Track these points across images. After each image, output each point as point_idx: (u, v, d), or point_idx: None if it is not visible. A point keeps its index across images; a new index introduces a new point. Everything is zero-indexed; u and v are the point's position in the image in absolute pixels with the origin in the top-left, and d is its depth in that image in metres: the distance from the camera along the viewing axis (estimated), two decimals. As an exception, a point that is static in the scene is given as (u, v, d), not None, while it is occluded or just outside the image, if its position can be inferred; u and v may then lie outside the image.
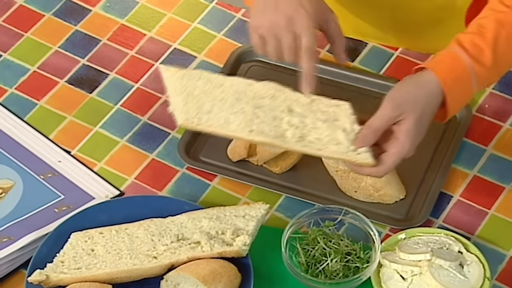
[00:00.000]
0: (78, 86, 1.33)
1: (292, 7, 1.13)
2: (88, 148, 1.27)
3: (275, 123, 1.10)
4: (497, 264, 1.16)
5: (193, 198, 1.23)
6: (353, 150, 1.10)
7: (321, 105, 1.12)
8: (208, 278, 1.10)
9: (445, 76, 1.11)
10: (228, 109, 1.11)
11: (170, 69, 1.15)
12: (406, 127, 1.10)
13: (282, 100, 1.12)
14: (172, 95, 1.13)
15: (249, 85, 1.13)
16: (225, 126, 1.11)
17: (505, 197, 1.22)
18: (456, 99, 1.12)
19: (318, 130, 1.10)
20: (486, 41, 1.12)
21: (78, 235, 1.16)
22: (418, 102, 1.10)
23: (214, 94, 1.13)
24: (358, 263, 1.14)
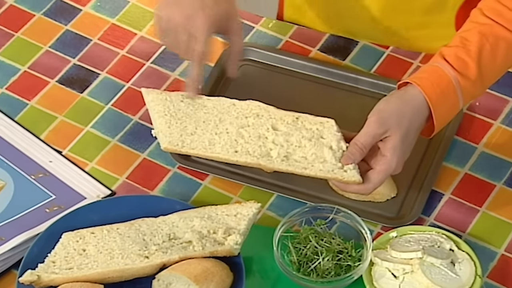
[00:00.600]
0: (69, 86, 1.33)
1: (193, 6, 1.14)
2: (79, 148, 1.27)
3: (259, 143, 1.11)
4: (488, 261, 1.17)
5: (185, 197, 1.22)
6: (339, 167, 1.11)
7: (305, 122, 1.13)
8: (200, 278, 1.10)
9: (430, 91, 1.11)
10: (212, 130, 1.12)
11: (152, 92, 1.16)
12: (392, 145, 1.10)
13: (266, 118, 1.12)
14: (155, 118, 1.14)
15: (232, 105, 1.13)
16: (209, 148, 1.11)
17: (496, 194, 1.22)
18: (442, 114, 1.13)
19: (303, 149, 1.11)
20: (470, 55, 1.12)
21: (70, 235, 1.16)
22: (404, 119, 1.11)
23: (197, 115, 1.13)
24: (350, 261, 1.14)
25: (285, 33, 1.38)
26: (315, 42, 1.36)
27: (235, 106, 1.14)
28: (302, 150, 1.11)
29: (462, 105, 1.14)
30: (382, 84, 1.31)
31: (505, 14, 1.13)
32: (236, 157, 1.10)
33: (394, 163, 1.11)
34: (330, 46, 1.36)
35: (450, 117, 1.15)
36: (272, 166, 1.10)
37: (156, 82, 1.33)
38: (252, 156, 1.10)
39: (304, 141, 1.11)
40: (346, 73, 1.32)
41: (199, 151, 1.12)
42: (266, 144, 1.11)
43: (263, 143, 1.11)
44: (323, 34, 1.37)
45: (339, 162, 1.11)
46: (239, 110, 1.13)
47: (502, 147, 1.26)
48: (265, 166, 1.10)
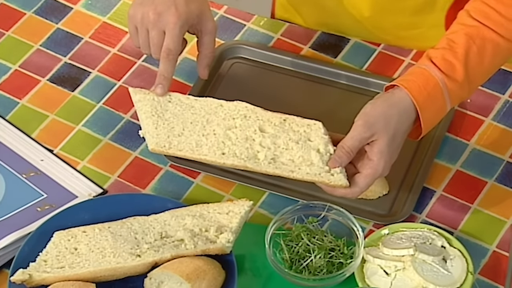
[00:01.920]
0: (60, 85, 1.32)
1: (165, 3, 1.14)
2: (70, 146, 1.27)
3: (247, 145, 1.10)
4: (480, 258, 1.17)
5: (177, 195, 1.22)
6: (326, 171, 1.10)
7: (293, 124, 1.12)
8: (192, 276, 1.09)
9: (417, 94, 1.11)
10: (199, 131, 1.11)
11: (140, 92, 1.16)
12: (379, 149, 1.10)
13: (253, 120, 1.12)
14: (143, 118, 1.14)
15: (220, 106, 1.13)
16: (196, 150, 1.11)
17: (488, 191, 1.22)
18: (429, 117, 1.12)
19: (290, 151, 1.10)
20: (457, 57, 1.12)
21: (61, 234, 1.16)
22: (391, 122, 1.10)
23: (185, 116, 1.13)
24: (342, 259, 1.14)
25: (277, 30, 1.38)
26: (306, 39, 1.36)
27: (223, 107, 1.13)
28: (289, 152, 1.10)
29: (449, 108, 1.14)
30: (374, 81, 1.31)
31: (492, 16, 1.13)
32: (223, 159, 1.10)
33: (380, 167, 1.11)
34: (321, 44, 1.36)
35: (437, 120, 1.15)
36: (259, 168, 1.10)
37: (147, 80, 1.33)
38: (239, 159, 1.10)
39: (291, 144, 1.11)
40: (338, 70, 1.32)
41: (186, 153, 1.11)
42: (253, 146, 1.10)
43: (250, 145, 1.10)
44: (314, 32, 1.37)
45: (326, 165, 1.10)
46: (226, 111, 1.13)
47: (493, 144, 1.26)
48: (252, 168, 1.10)
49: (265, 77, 1.33)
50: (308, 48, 1.36)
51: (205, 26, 1.18)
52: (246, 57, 1.35)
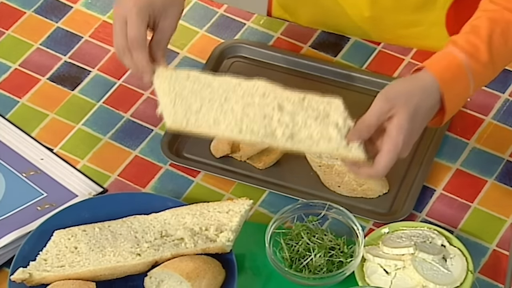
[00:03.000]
0: (60, 83, 1.32)
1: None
2: (70, 145, 1.27)
3: (265, 122, 1.09)
4: (480, 257, 1.17)
5: (177, 194, 1.22)
6: (344, 146, 1.08)
7: (312, 102, 1.11)
8: (192, 275, 1.09)
9: (441, 74, 1.10)
10: (217, 108, 1.10)
11: (158, 69, 1.14)
12: (397, 122, 1.07)
13: (272, 98, 1.11)
14: (160, 96, 1.12)
15: (238, 84, 1.12)
16: (214, 127, 1.09)
17: (488, 190, 1.22)
18: (453, 98, 1.11)
19: (309, 128, 1.09)
20: (481, 38, 1.12)
21: (61, 233, 1.16)
22: (412, 96, 1.08)
23: (203, 94, 1.11)
24: (342, 257, 1.14)
25: (277, 29, 1.37)
26: (306, 38, 1.36)
27: (241, 86, 1.11)
28: (307, 129, 1.09)
29: (472, 90, 1.12)
30: (374, 80, 1.31)
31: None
32: (241, 136, 1.08)
33: (400, 142, 1.07)
34: (321, 43, 1.36)
35: (460, 102, 1.13)
36: (277, 145, 1.08)
37: (147, 79, 1.33)
38: (257, 135, 1.08)
39: (310, 121, 1.09)
40: (338, 69, 1.32)
41: (203, 130, 1.09)
42: (271, 123, 1.09)
43: (268, 123, 1.09)
44: (314, 31, 1.37)
45: (345, 140, 1.08)
46: (245, 89, 1.11)
47: (493, 143, 1.26)
48: (270, 144, 1.08)
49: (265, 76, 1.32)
50: (308, 47, 1.36)
51: (163, 22, 1.14)
52: (246, 56, 1.35)
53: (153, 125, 1.29)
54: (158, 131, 1.28)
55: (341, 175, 1.21)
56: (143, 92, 1.32)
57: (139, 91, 1.32)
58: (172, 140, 1.26)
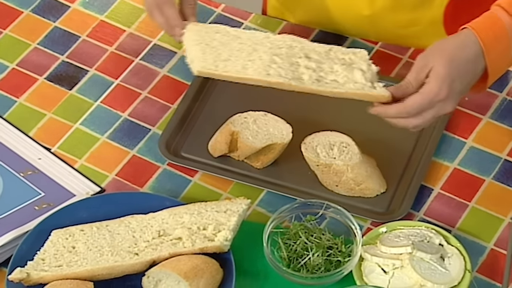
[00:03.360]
0: (57, 83, 1.32)
1: None
2: (68, 145, 1.26)
3: (292, 68, 1.12)
4: (477, 256, 1.17)
5: (175, 194, 1.22)
6: (369, 86, 1.11)
7: (338, 53, 1.15)
8: (189, 274, 1.09)
9: (483, 34, 1.11)
10: (245, 57, 1.13)
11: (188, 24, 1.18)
12: (434, 70, 1.09)
13: (299, 48, 1.14)
14: (190, 46, 1.15)
15: (266, 37, 1.16)
16: (242, 71, 1.12)
17: (485, 189, 1.22)
18: (495, 59, 1.12)
19: (335, 73, 1.12)
20: None
21: (59, 233, 1.16)
22: (445, 48, 1.10)
23: (231, 45, 1.14)
24: (340, 257, 1.14)
25: (274, 29, 1.37)
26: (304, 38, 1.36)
27: (269, 38, 1.15)
28: (333, 74, 1.12)
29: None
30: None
31: None
32: (268, 78, 1.11)
33: (435, 87, 1.08)
34: (319, 42, 1.35)
35: (503, 66, 1.13)
36: (303, 86, 1.11)
37: (145, 78, 1.33)
38: (284, 78, 1.11)
39: (336, 67, 1.12)
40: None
41: (231, 74, 1.12)
42: (298, 69, 1.12)
43: (295, 68, 1.12)
44: (312, 30, 1.37)
45: (369, 82, 1.11)
46: (273, 41, 1.15)
47: (491, 142, 1.26)
48: (296, 87, 1.11)
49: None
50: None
51: None
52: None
53: (150, 125, 1.29)
54: (156, 130, 1.28)
55: (339, 175, 1.21)
56: (140, 91, 1.32)
57: (137, 91, 1.32)
58: (169, 139, 1.26)
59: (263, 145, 1.22)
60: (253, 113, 1.24)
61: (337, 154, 1.20)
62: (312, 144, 1.21)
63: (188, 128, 1.28)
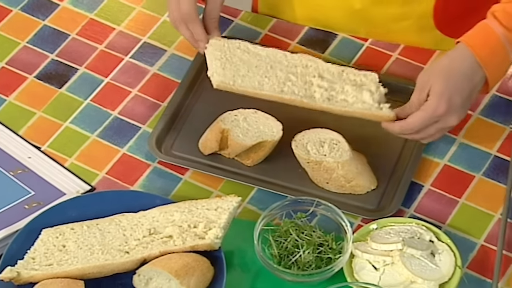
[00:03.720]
0: (47, 82, 1.32)
1: None
2: (58, 143, 1.26)
3: (306, 86, 1.20)
4: (468, 252, 1.17)
5: (165, 192, 1.22)
6: (376, 107, 1.19)
7: (350, 74, 1.22)
8: (180, 272, 1.09)
9: (478, 50, 1.15)
10: (262, 73, 1.22)
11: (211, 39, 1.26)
12: (432, 89, 1.14)
13: (314, 68, 1.22)
14: (211, 59, 1.23)
15: (284, 55, 1.24)
16: (258, 87, 1.21)
17: (475, 185, 1.22)
18: (494, 71, 1.16)
19: (345, 93, 1.20)
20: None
21: (49, 231, 1.15)
22: (442, 65, 1.15)
23: (251, 61, 1.23)
24: (331, 254, 1.14)
25: (264, 26, 1.37)
26: (294, 35, 1.36)
27: (287, 57, 1.24)
28: (344, 94, 1.20)
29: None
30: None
31: None
32: (282, 94, 1.19)
33: (434, 103, 1.14)
34: (309, 39, 1.36)
35: (503, 71, 1.17)
36: (314, 104, 1.19)
37: (134, 76, 1.33)
38: (297, 95, 1.19)
39: (347, 87, 1.20)
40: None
41: (248, 89, 1.20)
42: (311, 88, 1.20)
43: (308, 87, 1.20)
44: (302, 27, 1.37)
45: (376, 103, 1.19)
46: (290, 60, 1.23)
47: (481, 138, 1.26)
48: (307, 104, 1.19)
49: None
50: (295, 43, 1.35)
51: None
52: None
53: (141, 123, 1.29)
54: (146, 128, 1.28)
55: (329, 172, 1.21)
56: (130, 89, 1.32)
57: (126, 89, 1.32)
58: (160, 137, 1.26)
59: (254, 142, 1.22)
60: (243, 111, 1.24)
61: (327, 151, 1.20)
62: (303, 141, 1.21)
63: (178, 126, 1.28)
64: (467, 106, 1.17)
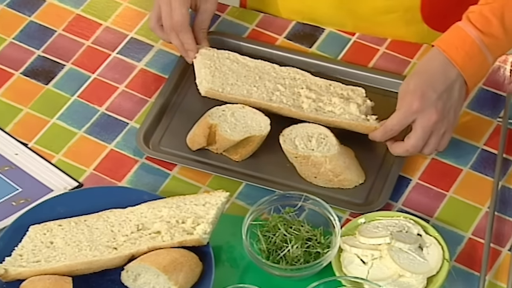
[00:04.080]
0: (34, 78, 1.31)
1: None
2: (45, 140, 1.26)
3: (294, 96, 1.23)
4: (456, 245, 1.17)
5: (153, 188, 1.22)
6: (363, 118, 1.21)
7: (337, 88, 1.24)
8: (168, 268, 1.09)
9: (454, 54, 1.16)
10: (251, 83, 1.24)
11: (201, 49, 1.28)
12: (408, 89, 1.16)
13: (302, 81, 1.25)
14: (200, 68, 1.25)
15: (272, 67, 1.26)
16: (246, 96, 1.23)
17: (463, 179, 1.23)
18: (473, 73, 1.17)
19: (333, 105, 1.22)
20: (493, 11, 1.15)
21: (37, 228, 1.15)
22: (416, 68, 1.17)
23: (239, 71, 1.25)
24: (319, 248, 1.14)
25: (251, 21, 1.37)
26: (281, 30, 1.36)
27: (275, 69, 1.26)
28: (331, 105, 1.22)
29: (492, 60, 1.17)
30: (349, 70, 1.31)
31: None
32: (270, 103, 1.22)
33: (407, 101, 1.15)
34: (296, 34, 1.36)
35: (482, 73, 1.18)
36: (302, 114, 1.21)
37: (122, 72, 1.32)
38: (285, 104, 1.21)
39: (334, 99, 1.22)
40: (313, 60, 1.32)
41: (236, 97, 1.23)
42: (299, 98, 1.22)
43: (296, 97, 1.22)
44: (289, 22, 1.37)
45: (363, 114, 1.21)
46: (278, 72, 1.26)
47: (468, 131, 1.26)
48: (295, 113, 1.21)
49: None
50: (283, 38, 1.35)
51: (204, 4, 1.26)
52: (220, 48, 1.34)
53: (128, 119, 1.28)
54: (134, 124, 1.28)
55: (317, 166, 1.21)
56: (118, 85, 1.31)
57: (114, 85, 1.32)
58: (147, 133, 1.26)
59: (242, 137, 1.22)
60: (231, 106, 1.24)
61: (315, 145, 1.20)
62: (290, 136, 1.21)
63: (166, 122, 1.27)
64: (446, 100, 1.16)
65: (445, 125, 1.17)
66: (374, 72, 1.30)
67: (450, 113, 1.17)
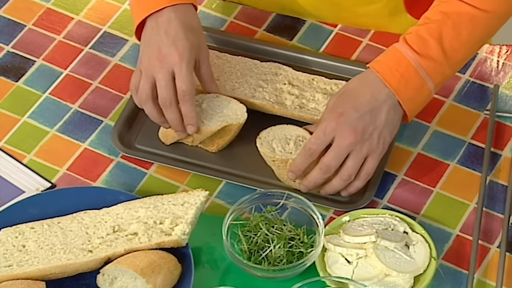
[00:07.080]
0: (3, 75, 1.28)
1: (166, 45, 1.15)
2: (16, 139, 1.23)
3: (276, 93, 1.22)
4: (443, 243, 1.15)
5: (129, 187, 1.19)
6: None
7: (320, 82, 1.23)
8: (146, 271, 1.07)
9: (389, 77, 1.12)
10: (233, 79, 1.23)
11: None
12: (328, 106, 1.13)
13: (284, 76, 1.24)
14: None
15: (254, 64, 1.25)
16: (229, 92, 1.21)
17: (450, 174, 1.21)
18: (410, 97, 1.13)
19: (316, 101, 1.20)
20: (431, 33, 1.12)
21: (8, 231, 1.13)
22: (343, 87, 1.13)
23: (221, 68, 1.23)
24: (302, 248, 1.12)
25: (230, 13, 1.34)
26: (261, 22, 1.34)
27: (256, 65, 1.25)
28: (315, 102, 1.20)
29: (432, 85, 1.14)
30: (331, 63, 1.29)
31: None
32: (253, 99, 1.20)
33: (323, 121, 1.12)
34: (276, 26, 1.33)
35: (422, 98, 1.14)
36: (285, 111, 1.20)
37: (95, 68, 1.30)
38: (268, 101, 1.21)
39: (318, 95, 1.21)
40: (294, 53, 1.29)
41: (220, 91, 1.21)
42: (282, 94, 1.21)
43: (279, 94, 1.21)
44: (269, 14, 1.34)
45: None
46: (260, 68, 1.24)
47: (455, 125, 1.24)
48: (278, 110, 1.20)
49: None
50: (262, 31, 1.33)
51: (202, 55, 1.19)
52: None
53: (102, 116, 1.26)
54: (108, 122, 1.25)
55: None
56: (91, 81, 1.29)
57: (87, 81, 1.29)
58: (122, 131, 1.23)
59: (218, 127, 1.19)
60: (204, 96, 1.22)
61: (293, 148, 1.17)
62: (268, 138, 1.18)
63: (142, 119, 1.25)
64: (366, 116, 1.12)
65: (366, 148, 1.12)
66: (357, 65, 1.27)
67: (372, 136, 1.12)
